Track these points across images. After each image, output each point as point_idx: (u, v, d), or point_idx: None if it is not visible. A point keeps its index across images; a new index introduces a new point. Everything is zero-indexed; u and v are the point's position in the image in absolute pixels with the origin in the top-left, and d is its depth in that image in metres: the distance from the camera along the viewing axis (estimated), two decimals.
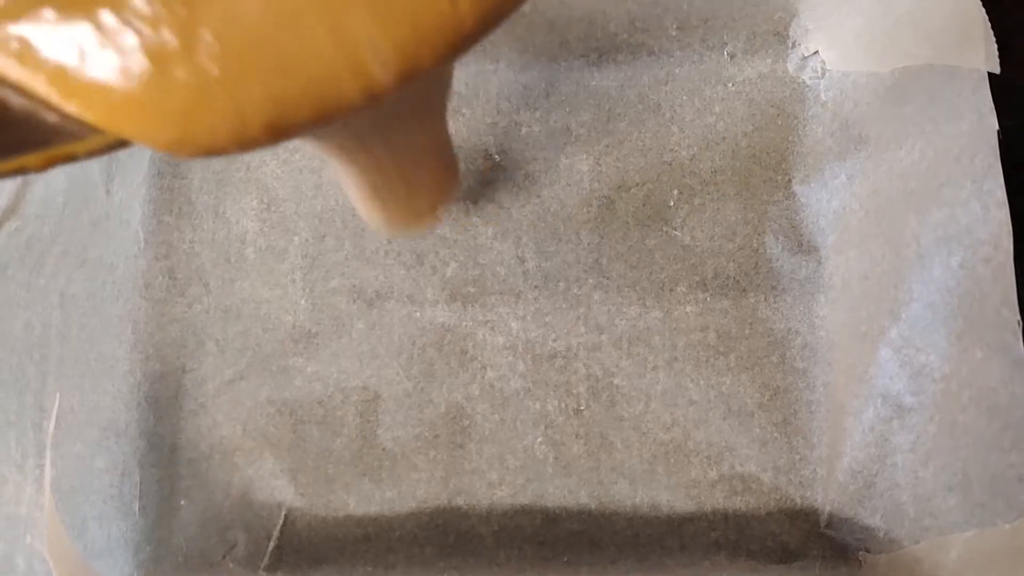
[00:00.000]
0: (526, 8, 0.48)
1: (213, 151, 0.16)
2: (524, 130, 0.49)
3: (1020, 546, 0.33)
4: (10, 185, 0.39)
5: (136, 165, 0.47)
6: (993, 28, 0.36)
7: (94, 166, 0.45)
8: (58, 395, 0.41)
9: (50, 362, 0.40)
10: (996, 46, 0.36)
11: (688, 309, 0.46)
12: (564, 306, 0.46)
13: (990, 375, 0.35)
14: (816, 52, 0.46)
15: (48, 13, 0.15)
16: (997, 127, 0.35)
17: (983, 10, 0.36)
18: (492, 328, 0.46)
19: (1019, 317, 0.34)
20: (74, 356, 0.42)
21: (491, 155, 0.48)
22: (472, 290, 0.47)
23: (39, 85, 0.15)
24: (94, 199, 0.44)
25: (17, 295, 0.39)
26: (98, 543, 0.43)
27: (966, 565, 0.35)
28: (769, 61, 0.48)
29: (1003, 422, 0.34)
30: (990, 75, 0.36)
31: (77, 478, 0.42)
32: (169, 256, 0.48)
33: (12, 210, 0.39)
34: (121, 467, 0.44)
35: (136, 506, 0.44)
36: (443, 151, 0.34)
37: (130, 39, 0.15)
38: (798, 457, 0.44)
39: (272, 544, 0.44)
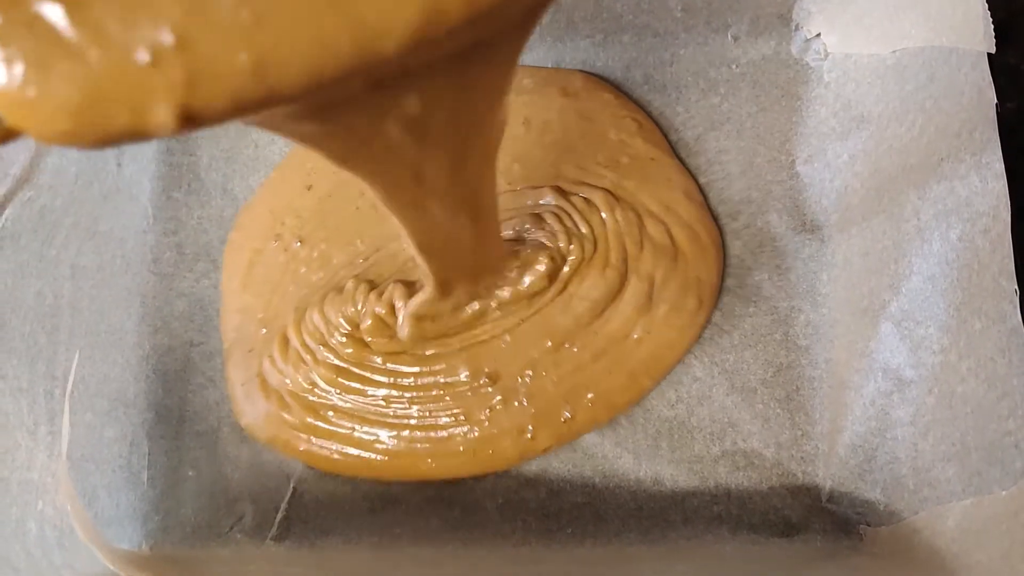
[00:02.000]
0: None
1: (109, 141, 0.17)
2: None
3: (1015, 511, 0.33)
4: (23, 155, 0.39)
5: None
6: (998, 12, 0.37)
7: None
8: (77, 353, 0.41)
9: (61, 332, 0.41)
10: (993, 27, 0.36)
11: None
12: None
13: (988, 344, 0.35)
14: (819, 34, 0.47)
15: None
16: (996, 100, 0.36)
17: None
18: None
19: (1016, 286, 0.34)
20: (84, 327, 0.42)
21: None
22: None
23: None
24: (105, 172, 0.45)
25: (29, 264, 0.40)
26: (107, 512, 0.43)
27: (964, 532, 0.36)
28: (773, 43, 0.49)
29: (1000, 390, 0.34)
30: (994, 59, 0.37)
31: (87, 448, 0.42)
32: (177, 232, 0.49)
33: (25, 180, 0.40)
34: (130, 438, 0.44)
35: (144, 476, 0.44)
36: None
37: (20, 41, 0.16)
38: (800, 433, 0.45)
39: (280, 515, 0.45)
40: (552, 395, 0.45)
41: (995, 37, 0.36)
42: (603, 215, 0.47)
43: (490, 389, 0.45)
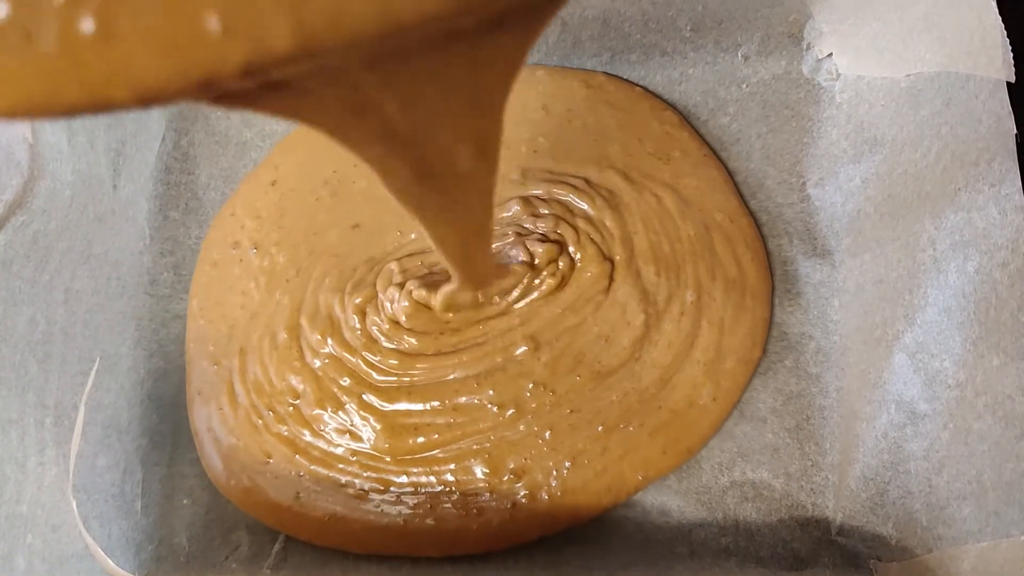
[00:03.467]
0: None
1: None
2: None
3: None
4: (17, 179, 0.39)
5: (143, 160, 0.47)
6: (1015, 33, 0.36)
7: (101, 160, 0.44)
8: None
9: (53, 359, 0.40)
10: (1012, 55, 0.35)
11: None
12: None
13: (1006, 382, 0.34)
14: (830, 54, 0.46)
15: None
16: (1015, 131, 0.35)
17: (999, 18, 0.36)
18: None
19: None
20: (77, 354, 0.41)
21: None
22: None
23: None
24: (101, 194, 0.44)
25: (22, 291, 0.39)
26: (100, 542, 0.42)
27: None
28: (783, 63, 0.48)
29: (1019, 429, 0.33)
30: (1013, 86, 0.36)
31: (79, 476, 0.41)
32: (174, 252, 0.48)
33: (19, 204, 0.39)
34: (123, 465, 0.43)
35: (138, 505, 0.44)
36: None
37: None
38: (810, 463, 0.43)
39: (278, 546, 0.44)
40: (591, 487, 0.44)
41: (1016, 64, 0.35)
42: (679, 225, 0.46)
43: (517, 485, 0.44)
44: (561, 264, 0.45)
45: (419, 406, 0.45)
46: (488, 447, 0.44)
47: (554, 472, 0.44)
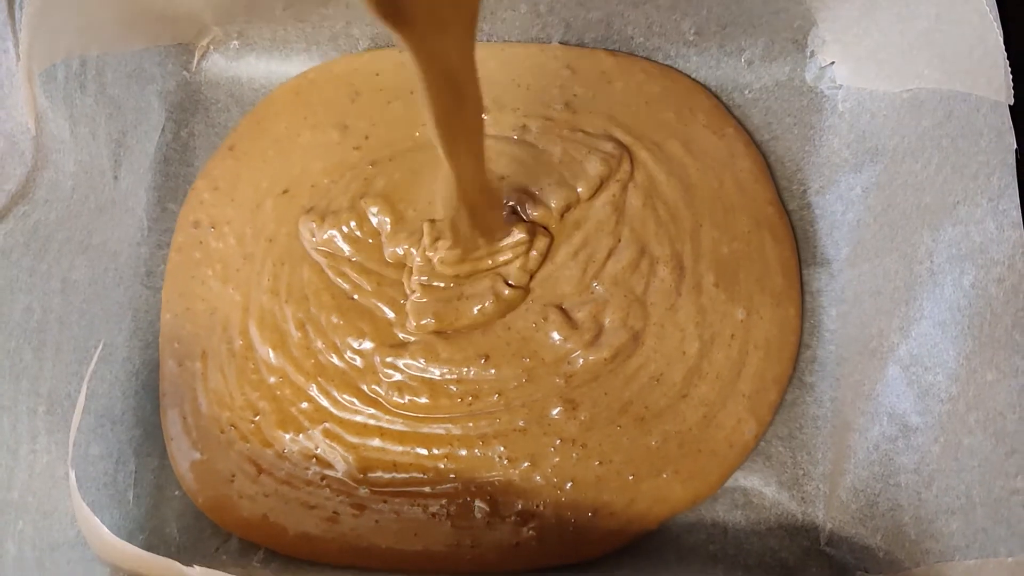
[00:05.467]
0: (542, 7, 0.47)
1: None
2: None
3: None
4: (21, 169, 0.39)
5: (143, 151, 0.47)
6: (1016, 49, 0.36)
7: (103, 151, 0.44)
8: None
9: (48, 348, 0.40)
10: (1011, 76, 0.35)
11: None
12: None
13: (998, 398, 0.34)
14: (833, 63, 0.45)
15: None
16: (1015, 145, 0.34)
17: (1000, 37, 0.35)
18: None
19: None
20: (72, 343, 0.41)
21: None
22: None
23: None
24: (102, 185, 0.44)
25: (19, 280, 0.39)
26: None
27: None
28: (787, 69, 0.47)
29: (1009, 446, 0.33)
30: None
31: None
32: (172, 243, 0.48)
33: (22, 195, 0.39)
34: (116, 455, 0.43)
35: (130, 495, 0.44)
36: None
37: None
38: (801, 472, 0.43)
39: None
40: (610, 535, 0.43)
41: (1017, 80, 0.35)
42: (736, 218, 0.46)
43: (523, 528, 0.43)
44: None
45: (397, 447, 0.44)
46: (491, 490, 0.43)
47: (573, 521, 0.43)
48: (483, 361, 0.44)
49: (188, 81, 0.50)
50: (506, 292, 0.44)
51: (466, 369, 0.44)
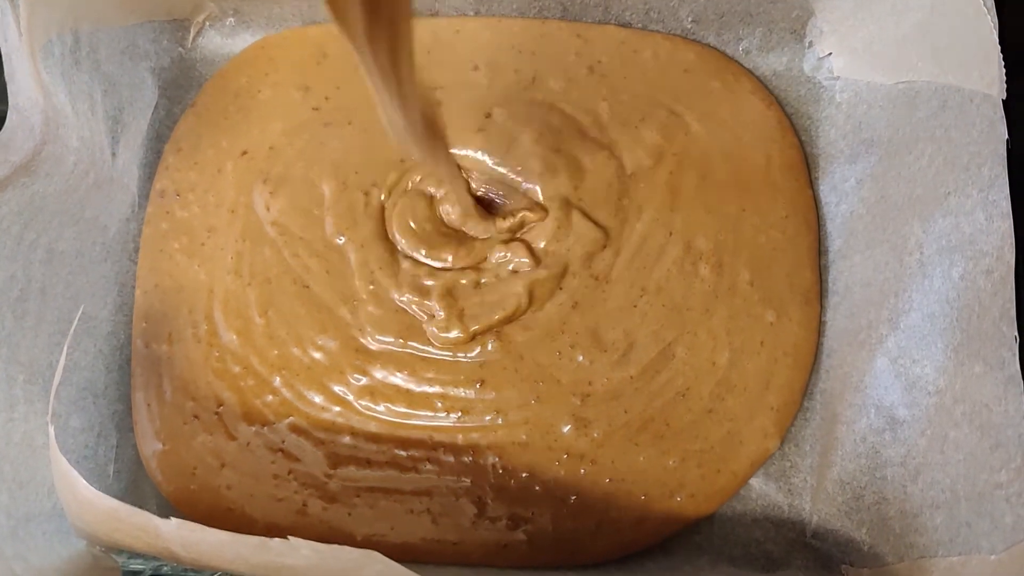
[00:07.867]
0: None
1: None
2: None
3: None
4: (29, 143, 0.38)
5: (138, 128, 0.47)
6: (1014, 43, 0.35)
7: (102, 127, 0.44)
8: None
9: (29, 317, 0.39)
10: (1004, 71, 0.35)
11: None
12: None
13: (984, 391, 0.33)
14: (830, 54, 0.45)
15: None
16: (1007, 135, 0.34)
17: (995, 32, 0.35)
18: None
19: (1016, 333, 0.32)
20: (56, 314, 0.41)
21: None
22: None
23: None
24: (102, 162, 0.44)
25: (6, 247, 0.38)
26: None
27: None
28: (785, 59, 0.47)
29: (994, 440, 0.33)
30: (1008, 91, 0.35)
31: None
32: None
33: (26, 169, 0.38)
34: (97, 428, 0.43)
35: (111, 469, 0.43)
36: None
37: None
38: (789, 464, 0.43)
39: None
40: (612, 549, 0.42)
41: (1012, 70, 0.34)
42: (774, 204, 0.44)
43: (514, 532, 0.41)
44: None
45: (372, 446, 0.42)
46: (480, 493, 0.42)
47: (572, 530, 0.41)
48: (478, 386, 0.43)
49: (183, 58, 0.49)
50: (532, 271, 0.43)
51: (456, 390, 0.43)
